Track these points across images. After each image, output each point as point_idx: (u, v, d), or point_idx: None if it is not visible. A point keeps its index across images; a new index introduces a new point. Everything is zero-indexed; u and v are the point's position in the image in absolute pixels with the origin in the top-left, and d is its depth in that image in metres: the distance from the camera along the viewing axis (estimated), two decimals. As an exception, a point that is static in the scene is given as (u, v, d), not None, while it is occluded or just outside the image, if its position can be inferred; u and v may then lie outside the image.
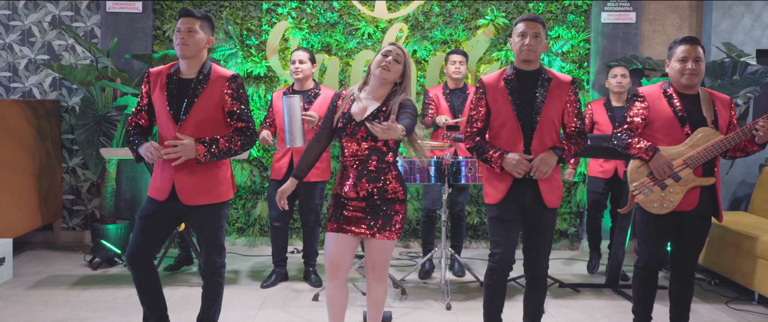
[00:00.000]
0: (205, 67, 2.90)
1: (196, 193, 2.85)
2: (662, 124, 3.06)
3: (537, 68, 2.95)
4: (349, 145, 2.82)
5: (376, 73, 2.82)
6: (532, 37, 2.87)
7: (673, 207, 3.03)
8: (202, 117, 2.84)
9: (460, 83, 4.62)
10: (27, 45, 5.49)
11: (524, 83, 2.93)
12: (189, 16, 2.85)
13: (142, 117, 2.97)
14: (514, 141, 2.91)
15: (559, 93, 2.92)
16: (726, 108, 3.11)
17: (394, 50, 2.83)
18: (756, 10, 5.48)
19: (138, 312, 3.75)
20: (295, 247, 5.31)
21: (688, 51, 3.03)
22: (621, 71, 4.63)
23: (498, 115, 2.94)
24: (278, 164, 4.26)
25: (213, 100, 2.85)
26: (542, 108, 2.89)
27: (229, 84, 2.87)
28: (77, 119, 5.04)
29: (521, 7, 5.44)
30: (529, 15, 2.93)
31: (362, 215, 2.80)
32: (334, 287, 2.85)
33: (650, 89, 3.14)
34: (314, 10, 5.40)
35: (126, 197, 5.40)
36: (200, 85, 2.85)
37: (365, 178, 2.79)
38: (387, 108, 2.81)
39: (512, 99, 2.90)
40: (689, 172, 3.02)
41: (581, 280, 4.56)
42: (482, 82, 2.99)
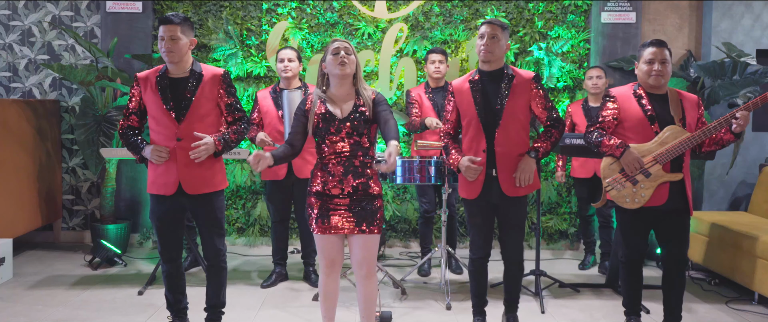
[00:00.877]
0: (194, 66, 3.10)
1: (200, 184, 3.07)
2: (632, 124, 3.21)
3: (500, 68, 3.19)
4: (333, 143, 2.88)
5: (336, 72, 2.88)
6: (489, 39, 3.13)
7: (644, 202, 3.17)
8: (201, 113, 3.06)
9: (440, 82, 4.63)
10: (27, 45, 5.49)
11: (488, 83, 3.19)
12: (169, 23, 2.99)
13: (132, 119, 3.15)
14: (479, 138, 3.19)
15: (522, 89, 3.16)
16: (694, 107, 3.26)
17: (342, 45, 2.89)
18: (756, 10, 5.48)
19: (138, 312, 3.75)
20: (294, 247, 5.31)
21: (654, 53, 3.18)
22: (596, 73, 4.72)
23: (465, 115, 3.23)
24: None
25: (211, 96, 3.09)
26: (505, 104, 3.13)
27: (223, 80, 3.11)
28: (77, 119, 5.04)
29: (521, 6, 5.44)
30: (489, 19, 3.21)
31: (347, 212, 2.87)
32: (332, 280, 3.01)
33: (621, 90, 3.29)
34: (314, 10, 5.40)
35: (126, 197, 5.40)
36: (195, 83, 3.06)
37: (351, 174, 2.87)
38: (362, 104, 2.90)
39: (474, 99, 3.18)
40: (659, 168, 3.16)
41: (581, 280, 4.56)
42: (451, 86, 3.29)
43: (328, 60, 2.89)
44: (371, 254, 2.92)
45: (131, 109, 3.13)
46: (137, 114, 3.13)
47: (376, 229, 2.91)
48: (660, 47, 3.18)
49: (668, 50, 3.21)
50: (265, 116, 4.27)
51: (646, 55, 3.19)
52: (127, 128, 3.14)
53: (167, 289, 3.23)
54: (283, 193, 4.30)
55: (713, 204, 5.51)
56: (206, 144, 2.99)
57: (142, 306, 3.86)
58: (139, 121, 3.15)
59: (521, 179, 3.14)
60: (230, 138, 3.09)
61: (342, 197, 2.87)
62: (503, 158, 3.16)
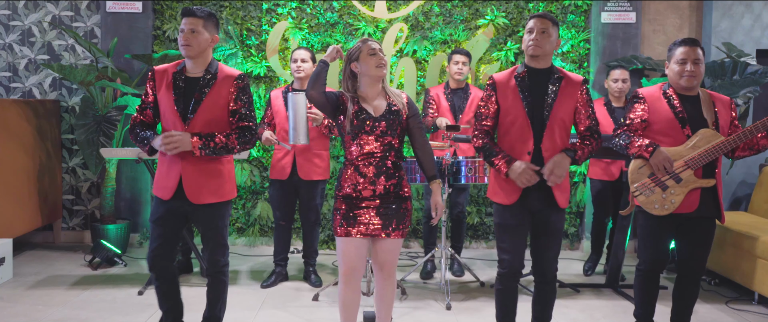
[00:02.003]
0: (212, 66, 2.91)
1: (203, 191, 2.88)
2: (662, 126, 3.05)
3: (548, 66, 2.91)
4: (366, 143, 2.81)
5: (375, 74, 2.82)
6: (539, 33, 2.83)
7: (673, 208, 3.01)
8: (210, 116, 2.87)
9: (461, 83, 4.62)
10: (27, 45, 5.49)
11: (535, 81, 2.89)
12: (191, 15, 2.85)
13: (146, 114, 2.96)
14: (524, 139, 2.86)
15: (570, 92, 2.88)
16: (726, 109, 3.11)
17: (378, 46, 2.86)
18: (756, 10, 5.48)
19: (138, 312, 3.75)
20: (295, 247, 5.31)
21: (687, 53, 3.02)
22: (622, 75, 4.56)
23: (508, 113, 2.90)
24: (281, 163, 4.24)
25: (221, 99, 2.88)
26: (553, 106, 2.85)
27: (236, 83, 2.90)
28: (77, 119, 5.04)
29: (521, 7, 5.44)
30: (539, 12, 2.92)
31: (375, 215, 2.80)
32: (351, 290, 2.86)
33: (650, 90, 3.13)
34: (314, 10, 5.40)
35: (126, 197, 5.40)
36: (208, 84, 2.87)
37: (384, 175, 2.81)
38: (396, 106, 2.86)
39: (523, 96, 2.86)
40: (690, 173, 3.01)
41: (581, 280, 4.56)
42: (493, 79, 2.95)
43: (368, 61, 2.82)
44: (394, 257, 2.88)
45: (146, 104, 2.93)
46: (152, 109, 2.94)
47: (400, 233, 2.84)
48: (693, 46, 3.01)
49: (701, 49, 3.04)
50: (276, 115, 4.28)
51: (678, 55, 3.03)
52: (139, 123, 2.95)
53: (159, 303, 3.03)
54: (286, 193, 4.30)
55: (713, 204, 5.49)
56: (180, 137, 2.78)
57: (142, 306, 3.86)
58: (152, 117, 2.96)
59: (555, 173, 2.80)
60: (215, 140, 2.82)
61: (372, 198, 2.80)
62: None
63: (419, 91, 5.39)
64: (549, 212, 2.90)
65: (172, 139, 2.78)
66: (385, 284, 2.93)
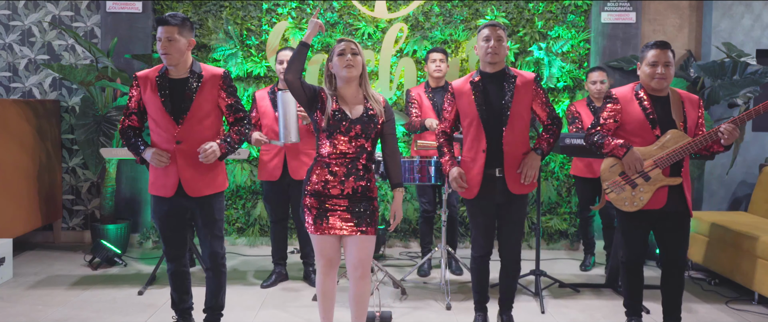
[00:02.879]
0: (195, 67, 3.05)
1: (201, 185, 3.05)
2: (634, 127, 3.21)
3: (501, 69, 3.23)
4: (339, 143, 2.87)
5: (343, 74, 2.87)
6: (496, 41, 3.16)
7: (642, 205, 3.18)
8: (201, 114, 3.02)
9: (441, 81, 4.63)
10: (27, 45, 5.49)
11: (489, 84, 3.22)
12: (166, 24, 2.94)
13: (132, 119, 3.10)
14: (479, 138, 3.21)
15: (524, 90, 3.20)
16: (694, 108, 3.24)
17: (348, 46, 2.87)
18: (756, 10, 5.48)
19: (138, 312, 3.75)
20: (294, 247, 5.31)
21: (658, 55, 3.15)
22: (599, 77, 4.65)
23: (466, 116, 3.26)
24: (271, 163, 4.23)
25: (211, 97, 3.05)
26: (511, 104, 3.17)
27: (223, 80, 3.07)
28: (77, 119, 5.04)
29: (521, 7, 5.44)
30: (491, 21, 3.25)
31: (346, 213, 2.87)
32: (330, 280, 3.01)
33: (623, 91, 3.27)
34: (314, 10, 5.40)
35: (126, 197, 5.40)
36: (195, 84, 3.02)
37: (353, 176, 2.87)
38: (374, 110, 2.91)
39: (476, 100, 3.20)
40: (658, 172, 3.16)
41: (581, 280, 4.56)
42: (452, 86, 3.32)
43: (335, 61, 2.88)
44: (367, 255, 2.92)
45: (131, 109, 3.08)
46: (137, 114, 3.10)
47: (372, 230, 2.92)
48: (663, 49, 3.15)
49: (672, 52, 3.18)
50: (263, 117, 4.26)
51: (650, 58, 3.16)
52: (128, 128, 3.10)
53: (172, 288, 3.23)
54: (279, 194, 4.30)
55: (713, 204, 5.51)
56: (212, 148, 2.97)
57: (142, 306, 3.86)
58: (139, 121, 3.11)
59: (527, 174, 3.17)
60: (233, 140, 3.06)
61: (340, 197, 2.87)
62: (510, 157, 3.19)
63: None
64: (510, 201, 3.24)
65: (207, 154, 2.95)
66: (361, 284, 2.94)
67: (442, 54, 4.60)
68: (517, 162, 3.20)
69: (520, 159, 3.21)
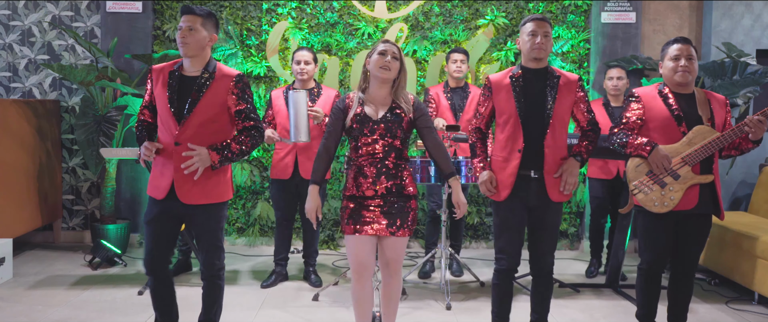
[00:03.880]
0: (210, 66, 2.86)
1: (195, 192, 2.81)
2: (659, 124, 3.07)
3: (545, 67, 3.03)
4: (366, 144, 2.85)
5: (378, 74, 2.85)
6: (543, 36, 2.96)
7: (673, 205, 3.02)
8: (204, 117, 2.80)
9: (460, 82, 4.63)
10: (27, 45, 5.49)
11: (531, 81, 3.01)
12: (190, 13, 2.81)
13: (145, 114, 2.94)
14: (516, 137, 2.98)
15: (567, 90, 3.01)
16: (722, 108, 3.12)
17: (391, 49, 2.87)
18: (756, 10, 5.48)
19: (138, 312, 3.75)
20: (295, 247, 5.31)
21: (680, 49, 3.06)
22: (617, 73, 4.59)
23: (502, 112, 3.03)
24: (282, 162, 4.24)
25: (217, 99, 2.82)
26: (554, 105, 2.97)
27: (235, 83, 2.84)
28: (77, 119, 5.04)
29: (521, 7, 5.44)
30: (538, 15, 3.02)
31: (380, 214, 2.84)
32: (362, 286, 2.90)
33: (646, 90, 3.16)
34: (314, 10, 5.40)
35: (126, 197, 5.41)
36: (205, 84, 2.81)
37: (384, 175, 2.85)
38: (400, 109, 2.87)
39: (516, 96, 2.98)
40: (688, 169, 3.01)
41: (581, 280, 4.56)
42: (489, 80, 3.08)
43: (374, 59, 2.87)
44: (399, 254, 2.91)
45: (144, 104, 2.93)
46: (149, 108, 2.93)
47: (408, 231, 2.87)
48: (686, 44, 3.06)
49: (694, 47, 3.09)
50: (277, 115, 4.27)
51: (672, 52, 3.07)
52: (141, 123, 2.94)
53: (154, 306, 2.96)
54: (288, 192, 4.30)
55: (713, 204, 5.50)
56: (198, 155, 2.74)
57: (142, 306, 3.86)
58: (151, 116, 2.94)
59: (568, 181, 2.97)
60: (232, 149, 2.80)
61: (375, 197, 2.85)
62: (551, 160, 2.99)
63: (419, 91, 5.39)
64: (545, 208, 3.01)
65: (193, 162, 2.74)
66: (391, 281, 2.96)
67: (463, 55, 4.58)
68: (555, 166, 2.99)
69: (558, 163, 3.00)
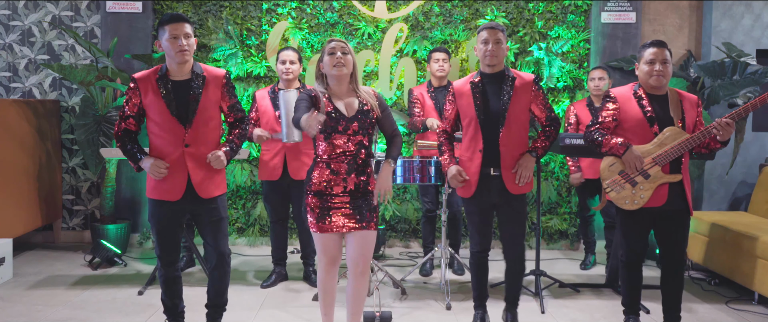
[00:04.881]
0: (196, 67, 3.01)
1: (212, 187, 3.05)
2: (632, 125, 3.22)
3: (501, 70, 3.28)
4: (339, 141, 2.90)
5: (334, 73, 2.91)
6: (494, 43, 3.21)
7: (643, 203, 3.18)
8: (206, 116, 3.00)
9: (443, 81, 4.64)
10: (27, 45, 5.49)
11: (489, 85, 3.27)
12: (182, 21, 2.90)
13: (130, 123, 3.01)
14: (477, 138, 3.27)
15: (523, 91, 3.25)
16: (693, 107, 3.25)
17: (338, 45, 2.91)
18: (756, 10, 5.48)
19: (138, 312, 3.75)
20: (294, 247, 5.31)
21: (655, 54, 3.17)
22: (599, 74, 4.66)
23: (465, 116, 3.32)
24: (271, 163, 4.23)
25: (215, 98, 3.03)
26: (509, 106, 3.22)
27: (225, 81, 3.07)
28: (77, 119, 5.04)
29: (521, 7, 5.44)
30: (490, 23, 3.28)
31: (348, 210, 2.91)
32: (332, 277, 3.06)
33: (621, 90, 3.29)
34: (314, 10, 5.40)
35: (126, 196, 5.41)
36: (200, 86, 2.98)
37: (355, 172, 2.92)
38: (368, 105, 2.96)
39: (474, 101, 3.26)
40: (658, 169, 3.16)
41: (581, 280, 4.56)
42: (452, 86, 3.36)
43: (325, 60, 2.92)
44: (368, 250, 2.97)
45: (128, 113, 2.98)
46: (135, 118, 3.00)
47: (374, 225, 2.96)
48: (661, 48, 3.18)
49: (669, 51, 3.21)
50: (263, 116, 4.26)
51: (647, 56, 3.19)
52: (124, 134, 3.01)
53: (165, 294, 3.16)
54: (279, 194, 4.30)
55: (713, 204, 5.51)
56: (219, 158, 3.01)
57: (142, 306, 3.86)
58: (136, 124, 3.02)
59: (523, 175, 3.24)
60: (236, 144, 3.10)
61: (343, 194, 2.91)
62: (507, 157, 3.25)
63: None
64: (508, 200, 3.30)
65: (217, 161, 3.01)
66: (360, 280, 2.99)
67: (445, 53, 4.60)
68: (514, 162, 3.26)
69: (517, 159, 3.26)
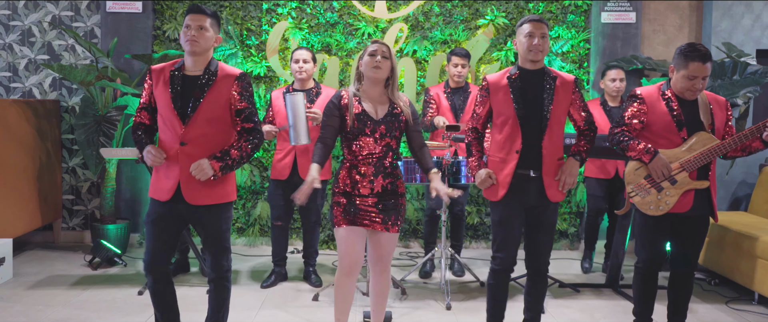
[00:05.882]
0: (212, 65, 2.85)
1: (201, 193, 2.80)
2: (660, 128, 3.09)
3: (541, 68, 3.04)
4: (366, 144, 2.90)
5: (370, 74, 2.92)
6: (540, 37, 2.96)
7: (668, 209, 3.08)
8: (209, 115, 2.80)
9: (461, 83, 4.63)
10: (27, 45, 5.49)
11: (528, 82, 3.02)
12: (200, 12, 2.81)
13: (143, 116, 2.90)
14: (513, 138, 3.00)
15: (564, 91, 3.03)
16: (722, 110, 3.15)
17: (380, 48, 2.92)
18: (756, 10, 5.48)
19: (138, 312, 3.75)
20: (295, 247, 5.31)
21: (701, 70, 2.99)
22: (619, 75, 4.62)
23: (500, 113, 3.04)
24: (281, 163, 4.24)
25: (221, 98, 2.81)
26: (551, 107, 2.99)
27: (238, 82, 2.84)
28: (77, 119, 5.04)
29: (521, 7, 5.44)
30: (534, 16, 3.02)
31: (374, 210, 2.91)
32: (350, 282, 2.97)
33: (649, 91, 3.15)
34: (314, 10, 5.40)
35: (126, 197, 5.41)
36: (208, 83, 2.80)
37: (382, 174, 2.92)
38: (398, 109, 2.96)
39: (514, 97, 3.00)
40: (685, 175, 3.06)
41: (581, 280, 4.56)
42: (486, 81, 3.10)
43: (365, 60, 2.93)
44: (389, 251, 3.00)
45: (142, 105, 2.89)
46: (148, 110, 2.89)
47: (398, 228, 2.97)
48: (706, 63, 2.98)
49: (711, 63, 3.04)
50: (277, 116, 4.27)
51: (693, 70, 2.99)
52: (138, 125, 2.89)
53: (155, 308, 2.94)
54: (287, 194, 4.29)
55: (713, 204, 5.50)
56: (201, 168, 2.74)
57: (142, 306, 3.86)
58: (150, 118, 2.90)
59: (567, 182, 3.01)
60: (232, 158, 2.80)
61: (371, 195, 2.91)
62: (548, 161, 3.00)
63: (419, 92, 5.39)
64: (542, 208, 3.04)
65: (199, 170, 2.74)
66: (381, 278, 3.04)
67: (464, 58, 4.57)
68: (554, 166, 3.02)
69: (556, 164, 3.03)
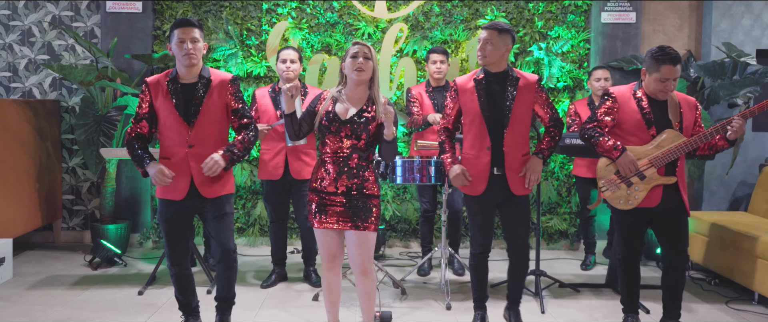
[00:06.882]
0: (204, 71, 3.11)
1: (214, 186, 3.10)
2: (630, 126, 3.24)
3: (504, 70, 3.23)
4: (332, 142, 2.97)
5: (353, 76, 2.96)
6: (484, 43, 3.17)
7: (637, 203, 3.23)
8: (210, 118, 3.08)
9: (441, 81, 4.64)
10: (27, 45, 5.49)
11: (493, 84, 3.23)
12: (190, 25, 3.01)
13: (143, 126, 3.11)
14: (482, 136, 3.22)
15: (526, 92, 3.22)
16: (691, 110, 3.31)
17: (361, 49, 2.95)
18: (756, 10, 5.48)
19: (138, 312, 3.75)
20: (295, 247, 5.31)
21: (672, 72, 3.13)
22: (603, 74, 4.69)
23: (467, 114, 3.27)
24: (272, 162, 4.23)
25: (220, 101, 3.10)
26: (513, 106, 3.19)
27: (231, 85, 3.13)
28: (77, 119, 5.04)
29: (521, 7, 5.44)
30: (488, 23, 3.24)
31: (342, 210, 2.95)
32: (334, 275, 3.09)
33: (621, 90, 3.31)
34: (314, 10, 5.40)
35: (126, 196, 5.40)
36: (205, 89, 3.07)
37: (346, 174, 2.95)
38: (369, 113, 2.98)
39: (478, 98, 3.21)
40: (653, 171, 3.21)
41: (581, 280, 4.56)
42: (455, 83, 3.31)
43: (347, 63, 2.96)
44: (366, 251, 2.99)
45: (142, 115, 3.09)
46: (148, 119, 3.11)
47: (371, 226, 2.97)
48: (677, 66, 3.13)
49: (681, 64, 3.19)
50: (263, 115, 4.26)
51: (663, 73, 3.13)
52: (135, 138, 3.10)
53: (177, 290, 3.25)
54: (279, 193, 4.30)
55: (713, 204, 5.50)
56: (214, 161, 3.00)
57: (142, 306, 3.86)
58: (149, 127, 3.12)
59: (532, 179, 3.22)
60: (238, 150, 3.09)
61: (336, 195, 2.95)
62: (510, 158, 3.22)
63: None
64: (511, 200, 3.27)
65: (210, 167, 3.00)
66: (364, 279, 3.05)
67: (443, 55, 4.60)
68: (517, 162, 3.23)
69: (520, 160, 3.24)
